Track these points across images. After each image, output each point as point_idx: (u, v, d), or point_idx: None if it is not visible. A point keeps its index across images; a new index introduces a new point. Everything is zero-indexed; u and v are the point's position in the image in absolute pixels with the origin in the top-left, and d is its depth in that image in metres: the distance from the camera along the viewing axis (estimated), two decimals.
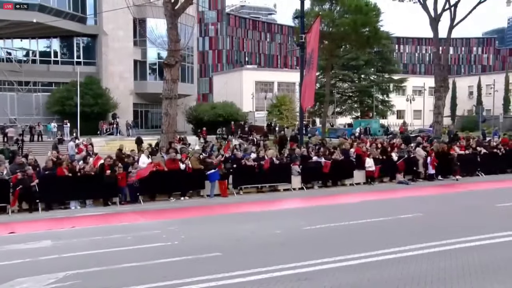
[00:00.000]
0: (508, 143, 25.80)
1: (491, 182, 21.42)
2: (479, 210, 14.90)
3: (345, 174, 21.07)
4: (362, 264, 9.21)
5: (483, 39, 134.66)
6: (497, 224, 12.42)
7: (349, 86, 66.75)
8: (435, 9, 34.97)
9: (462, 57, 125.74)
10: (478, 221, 13.25)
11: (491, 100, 73.06)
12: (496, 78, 76.32)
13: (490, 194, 18.29)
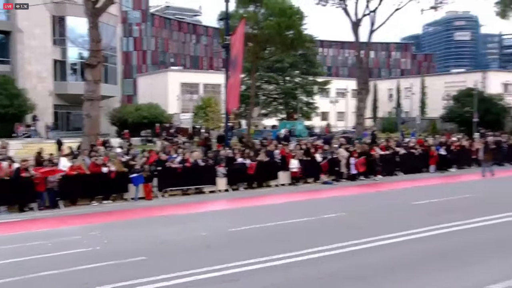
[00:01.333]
0: (424, 144, 27.14)
1: (409, 181, 22.44)
2: (397, 209, 15.56)
3: (270, 175, 21.34)
4: (287, 264, 9.38)
5: (401, 44, 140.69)
6: (412, 222, 13.02)
7: (274, 88, 67.57)
8: (356, 14, 36.21)
9: (382, 61, 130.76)
10: (396, 219, 13.84)
11: (409, 103, 76.56)
12: (413, 81, 79.94)
13: (407, 193, 19.15)
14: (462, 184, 21.67)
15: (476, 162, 27.03)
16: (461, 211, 14.42)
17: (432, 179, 23.02)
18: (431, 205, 15.87)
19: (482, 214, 13.81)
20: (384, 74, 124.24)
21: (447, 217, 13.42)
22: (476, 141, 29.43)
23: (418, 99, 77.89)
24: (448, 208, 15.28)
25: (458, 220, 12.93)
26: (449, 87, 72.59)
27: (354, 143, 26.84)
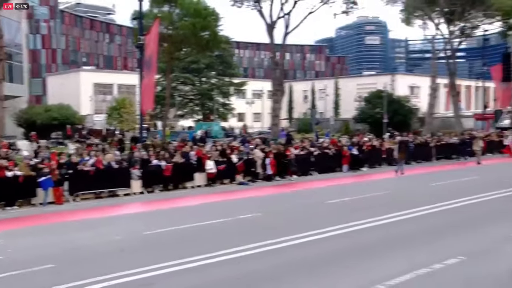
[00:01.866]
0: (337, 144, 28.03)
1: (323, 180, 23.09)
2: (312, 208, 15.98)
3: (186, 177, 21.19)
4: (203, 265, 9.35)
5: (315, 47, 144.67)
6: (326, 220, 13.42)
7: (190, 89, 67.16)
8: (270, 16, 36.82)
9: (298, 63, 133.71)
10: (311, 218, 14.21)
11: (324, 104, 78.89)
12: (327, 83, 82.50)
13: (321, 192, 19.69)
14: (374, 182, 22.62)
15: (386, 161, 28.35)
16: (372, 208, 15.02)
17: (345, 178, 23.83)
18: (344, 204, 16.44)
19: (392, 210, 14.44)
20: (299, 75, 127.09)
21: (360, 214, 13.93)
22: (386, 141, 30.79)
23: (332, 101, 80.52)
24: (360, 206, 15.89)
25: (370, 217, 13.46)
26: (361, 89, 75.51)
27: (269, 143, 27.24)
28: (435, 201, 15.80)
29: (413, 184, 21.40)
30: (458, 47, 50.81)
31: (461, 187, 19.37)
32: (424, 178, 23.21)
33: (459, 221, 13.23)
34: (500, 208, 15.15)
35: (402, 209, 14.57)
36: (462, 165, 28.96)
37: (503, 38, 52.33)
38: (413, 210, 14.57)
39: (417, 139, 32.48)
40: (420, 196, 17.42)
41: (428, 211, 14.61)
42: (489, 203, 15.96)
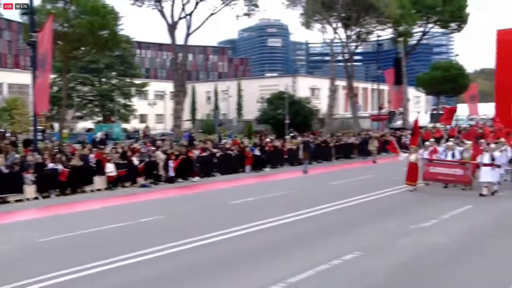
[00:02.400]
0: (240, 145, 28.27)
1: (226, 181, 23.20)
2: (215, 209, 16.00)
3: (84, 180, 20.41)
4: (101, 272, 9.05)
5: (218, 48, 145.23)
6: (229, 221, 13.49)
7: (89, 90, 64.78)
8: (172, 17, 36.44)
9: (201, 64, 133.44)
10: (214, 219, 14.22)
11: (227, 105, 79.36)
12: (230, 84, 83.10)
13: (224, 193, 19.77)
14: (276, 182, 23.05)
15: (288, 161, 29.05)
16: (275, 208, 15.32)
17: (248, 179, 24.10)
18: (247, 204, 16.62)
19: (294, 209, 14.83)
20: (202, 76, 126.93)
21: (263, 214, 14.15)
22: (288, 142, 31.52)
23: (235, 102, 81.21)
24: (263, 205, 16.15)
25: (272, 217, 13.72)
26: (263, 90, 76.75)
27: (171, 145, 26.93)
28: (334, 200, 16.41)
29: (314, 183, 22.07)
30: (354, 51, 53.11)
31: (358, 185, 20.25)
32: (324, 177, 24.02)
33: (356, 218, 13.83)
34: (392, 205, 16.03)
35: (303, 208, 14.98)
36: (360, 164, 30.30)
37: (394, 44, 55.57)
38: (313, 208, 15.03)
39: (317, 139, 33.56)
40: (320, 195, 18.00)
41: (327, 209, 15.15)
42: (383, 200, 16.84)
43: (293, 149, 29.95)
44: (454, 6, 52.43)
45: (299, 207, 15.16)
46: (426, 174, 19.00)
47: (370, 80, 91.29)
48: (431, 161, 19.06)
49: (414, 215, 13.92)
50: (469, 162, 18.18)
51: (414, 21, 50.84)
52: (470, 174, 18.04)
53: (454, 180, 18.46)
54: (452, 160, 18.79)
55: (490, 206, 15.18)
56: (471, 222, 13.11)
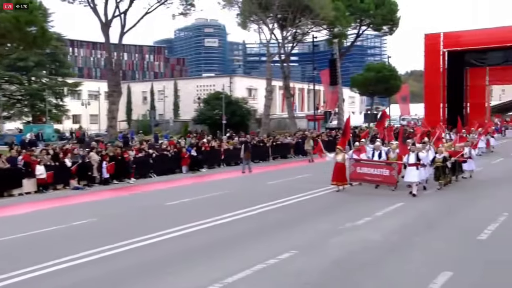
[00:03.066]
0: (176, 146, 27.99)
1: (162, 182, 22.96)
2: (150, 210, 15.79)
3: (12, 183, 19.59)
4: (31, 279, 8.76)
5: (154, 48, 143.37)
6: (164, 222, 13.35)
7: (17, 89, 62.25)
8: (105, 15, 35.56)
9: (136, 63, 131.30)
10: (149, 221, 14.03)
11: (163, 105, 78.48)
12: (166, 84, 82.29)
13: (161, 194, 19.56)
14: (213, 182, 23.02)
15: (225, 161, 29.09)
16: (211, 208, 15.31)
17: (185, 179, 23.96)
18: (184, 205, 16.51)
19: (231, 209, 14.86)
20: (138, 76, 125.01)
21: (199, 214, 14.11)
22: (225, 142, 31.54)
23: (172, 102, 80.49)
24: (199, 206, 16.10)
25: (209, 217, 13.70)
26: (200, 91, 76.64)
27: (106, 146, 26.36)
28: (271, 199, 16.58)
29: (251, 183, 22.21)
30: (291, 51, 53.93)
31: (295, 184, 20.53)
32: (261, 177, 24.23)
33: (292, 218, 14.02)
34: (327, 204, 16.40)
35: (240, 208, 15.05)
36: (297, 164, 30.72)
37: (329, 45, 56.82)
38: (250, 208, 15.13)
39: (254, 139, 33.79)
40: (258, 195, 18.12)
41: (264, 209, 15.28)
42: (318, 199, 17.18)
43: (230, 149, 30.05)
44: (385, 10, 54.30)
45: (236, 207, 15.21)
46: (353, 174, 19.04)
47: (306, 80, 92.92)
48: (358, 161, 19.03)
49: (348, 213, 14.28)
50: (395, 162, 18.35)
51: (348, 23, 52.25)
52: (396, 175, 18.16)
53: (381, 180, 18.48)
54: (379, 161, 18.87)
55: (420, 204, 15.77)
56: (402, 219, 13.58)
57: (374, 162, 18.88)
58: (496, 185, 19.70)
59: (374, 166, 18.69)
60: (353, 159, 19.11)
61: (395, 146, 19.52)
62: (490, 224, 12.48)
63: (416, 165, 17.33)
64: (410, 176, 17.36)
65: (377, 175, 18.45)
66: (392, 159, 18.80)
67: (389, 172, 18.20)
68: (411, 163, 17.39)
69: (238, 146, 30.66)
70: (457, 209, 15.08)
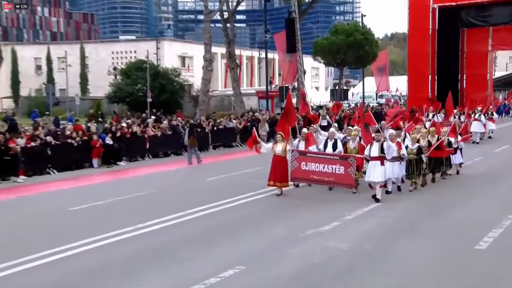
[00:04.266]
0: (85, 133, 27.57)
1: (65, 180, 22.62)
2: (48, 218, 15.59)
3: None
4: None
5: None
6: (68, 234, 13.29)
7: None
8: None
9: (24, 19, 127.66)
10: (45, 232, 13.87)
11: (65, 77, 76.62)
12: (69, 49, 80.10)
13: (63, 196, 19.31)
14: (136, 180, 22.88)
15: (151, 151, 28.97)
16: (131, 214, 15.35)
17: (97, 176, 23.80)
18: (94, 210, 16.38)
19: (156, 215, 14.93)
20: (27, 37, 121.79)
21: (115, 223, 14.10)
22: (150, 127, 31.29)
23: (77, 73, 78.79)
24: (115, 211, 16.08)
25: (128, 226, 13.70)
26: (116, 59, 75.57)
27: None
28: (210, 201, 16.67)
29: (185, 180, 22.22)
30: (236, 8, 53.91)
31: (242, 181, 20.62)
32: (198, 172, 24.29)
33: (237, 224, 14.18)
34: (284, 205, 16.67)
35: (169, 213, 15.08)
36: (245, 154, 30.83)
37: (286, 0, 57.06)
38: (182, 213, 15.20)
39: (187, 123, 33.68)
40: (193, 195, 18.15)
41: (200, 213, 15.35)
42: (271, 199, 17.35)
43: (158, 137, 29.94)
44: None
45: (164, 212, 15.24)
46: (296, 172, 18.05)
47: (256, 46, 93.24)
48: (303, 154, 18.11)
49: (311, 217, 14.57)
50: (352, 156, 17.36)
51: None
52: (354, 172, 17.25)
53: (333, 181, 17.57)
54: (330, 154, 17.96)
55: (400, 205, 16.16)
56: (378, 224, 13.94)
57: (324, 156, 17.93)
58: (497, 180, 20.22)
59: (324, 161, 17.62)
60: (296, 152, 18.24)
61: (355, 133, 18.54)
62: (491, 229, 12.92)
63: (380, 159, 16.57)
64: (372, 174, 16.69)
65: (329, 174, 17.44)
66: (351, 151, 17.92)
67: (345, 169, 17.13)
68: (374, 156, 16.70)
69: (168, 132, 30.58)
70: (447, 210, 15.53)
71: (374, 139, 16.91)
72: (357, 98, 77.72)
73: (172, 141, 30.85)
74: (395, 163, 17.32)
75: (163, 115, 40.64)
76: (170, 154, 30.21)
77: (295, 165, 18.05)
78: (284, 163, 17.85)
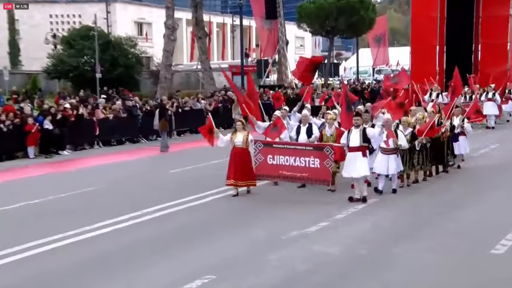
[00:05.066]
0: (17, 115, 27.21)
1: None
2: None
3: None
4: None
5: None
6: None
7: None
8: None
9: None
10: None
11: None
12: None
13: None
14: (82, 172, 22.83)
15: (100, 138, 28.83)
16: (75, 215, 15.31)
17: (33, 168, 23.78)
18: (27, 210, 16.31)
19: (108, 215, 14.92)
20: None
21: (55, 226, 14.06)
22: (100, 108, 31.07)
23: (5, 41, 77.37)
24: (55, 211, 15.98)
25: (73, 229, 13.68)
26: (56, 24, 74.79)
27: None
28: (172, 198, 16.74)
29: (142, 173, 22.14)
30: None
31: (209, 173, 20.51)
32: (160, 163, 24.36)
33: (207, 224, 14.26)
34: (260, 201, 16.70)
35: (122, 213, 15.12)
36: None
37: None
38: (138, 213, 15.25)
39: (146, 104, 33.54)
40: (153, 190, 18.17)
41: (163, 212, 15.41)
42: (249, 195, 17.44)
43: (110, 120, 29.77)
44: None
45: (115, 212, 15.25)
46: (261, 167, 17.51)
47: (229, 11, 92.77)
48: (269, 145, 17.51)
49: (295, 216, 14.61)
50: (328, 145, 16.67)
51: None
52: (332, 165, 16.67)
53: (307, 176, 16.96)
54: (303, 144, 17.40)
55: (399, 200, 16.30)
56: (374, 223, 14.04)
57: (294, 146, 17.44)
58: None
59: (295, 153, 17.11)
60: (260, 143, 17.62)
61: (331, 116, 17.83)
62: (510, 231, 12.94)
63: (362, 150, 15.79)
64: (351, 167, 15.88)
65: (301, 168, 16.94)
66: (327, 140, 17.31)
67: (321, 162, 16.54)
68: (354, 146, 15.83)
69: (123, 115, 30.38)
70: (456, 208, 15.53)
71: (354, 123, 15.99)
72: (350, 74, 77.86)
73: (127, 126, 30.76)
74: (391, 156, 16.62)
75: (116, 94, 40.47)
76: (125, 141, 30.12)
77: (260, 159, 17.51)
78: (245, 157, 17.23)
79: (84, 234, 13.34)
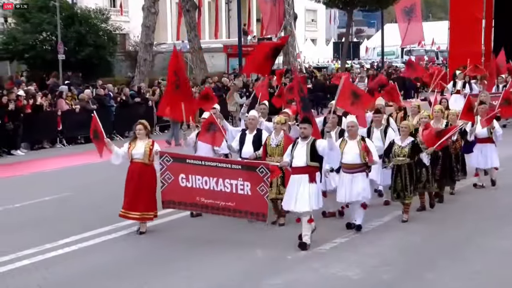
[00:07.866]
0: None
1: None
2: None
3: None
4: None
5: None
6: None
7: None
8: None
9: None
10: None
11: None
12: None
13: None
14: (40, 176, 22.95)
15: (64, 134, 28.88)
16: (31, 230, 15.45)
17: None
18: None
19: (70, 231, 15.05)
20: None
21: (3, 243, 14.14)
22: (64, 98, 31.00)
23: None
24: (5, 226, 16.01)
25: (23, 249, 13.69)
26: None
27: None
28: None
29: (118, 176, 22.14)
30: None
31: None
32: None
33: (193, 239, 14.35)
34: None
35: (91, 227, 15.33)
36: None
37: None
38: (112, 227, 15.40)
39: (122, 93, 33.51)
40: None
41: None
42: None
43: (76, 113, 29.70)
44: None
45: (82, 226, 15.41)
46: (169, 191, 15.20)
47: None
48: (181, 160, 15.26)
49: None
50: (262, 164, 14.16)
51: None
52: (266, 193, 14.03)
53: (234, 207, 14.54)
54: (228, 161, 15.53)
55: (425, 215, 16.21)
56: (400, 241, 14.10)
57: (215, 163, 15.02)
58: None
59: (217, 172, 14.76)
60: (168, 156, 15.44)
61: (280, 119, 15.70)
62: None
63: (309, 172, 13.65)
64: (291, 196, 13.83)
65: (226, 195, 14.56)
66: (272, 152, 15.28)
67: (251, 187, 14.12)
68: (297, 167, 13.75)
69: (92, 107, 30.17)
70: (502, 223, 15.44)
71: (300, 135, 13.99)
72: (373, 56, 77.83)
73: None
74: (357, 175, 14.70)
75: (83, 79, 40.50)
76: None
77: (169, 179, 15.23)
78: (147, 177, 15.32)
79: (41, 255, 13.36)
